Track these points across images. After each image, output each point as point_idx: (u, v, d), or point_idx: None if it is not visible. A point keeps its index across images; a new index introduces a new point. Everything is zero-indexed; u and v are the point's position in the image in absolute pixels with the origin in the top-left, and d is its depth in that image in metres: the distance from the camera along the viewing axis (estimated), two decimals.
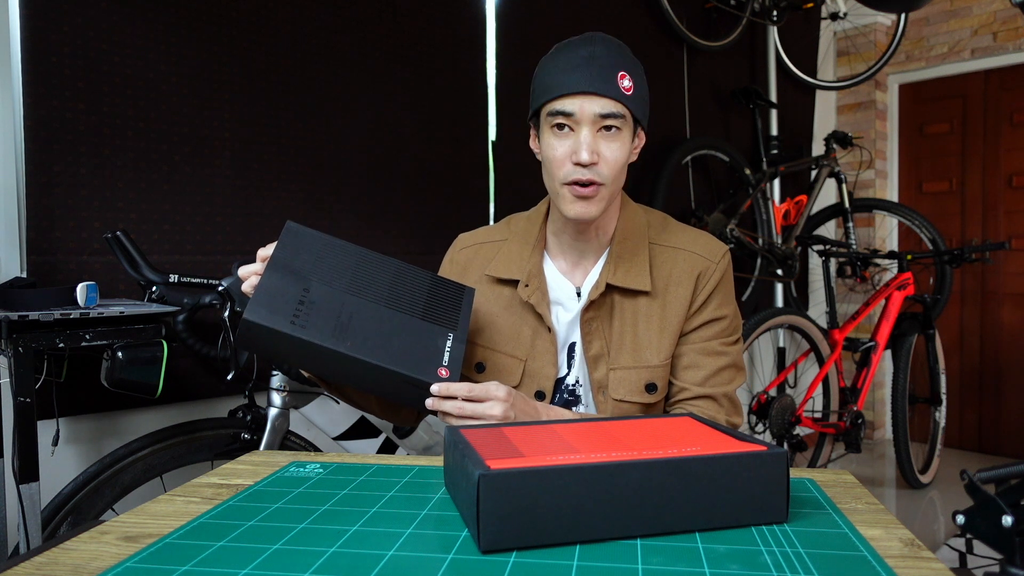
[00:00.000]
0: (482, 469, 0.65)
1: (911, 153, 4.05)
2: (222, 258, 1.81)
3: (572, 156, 1.01)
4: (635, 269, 1.09)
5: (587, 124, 1.00)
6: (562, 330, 1.13)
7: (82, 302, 1.31)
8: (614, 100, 1.00)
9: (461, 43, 2.30)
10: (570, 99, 1.00)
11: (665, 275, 1.10)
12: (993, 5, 3.64)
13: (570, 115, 1.00)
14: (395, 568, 0.62)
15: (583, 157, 0.99)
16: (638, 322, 1.09)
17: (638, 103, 1.03)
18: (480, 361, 1.15)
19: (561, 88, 1.00)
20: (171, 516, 0.75)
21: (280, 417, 1.63)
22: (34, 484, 1.26)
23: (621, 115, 1.01)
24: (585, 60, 1.00)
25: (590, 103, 0.99)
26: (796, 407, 2.86)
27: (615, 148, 1.02)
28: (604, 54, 1.01)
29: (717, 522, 0.69)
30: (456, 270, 1.20)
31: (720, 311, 1.11)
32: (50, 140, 1.56)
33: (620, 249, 1.10)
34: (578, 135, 1.00)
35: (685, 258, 1.11)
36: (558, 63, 1.02)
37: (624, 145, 1.03)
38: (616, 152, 1.02)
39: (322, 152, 2.00)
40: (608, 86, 0.99)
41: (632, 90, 1.01)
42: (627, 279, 1.08)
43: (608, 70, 1.00)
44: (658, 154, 2.89)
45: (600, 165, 1.01)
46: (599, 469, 0.66)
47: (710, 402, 1.10)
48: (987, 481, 0.55)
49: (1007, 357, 3.73)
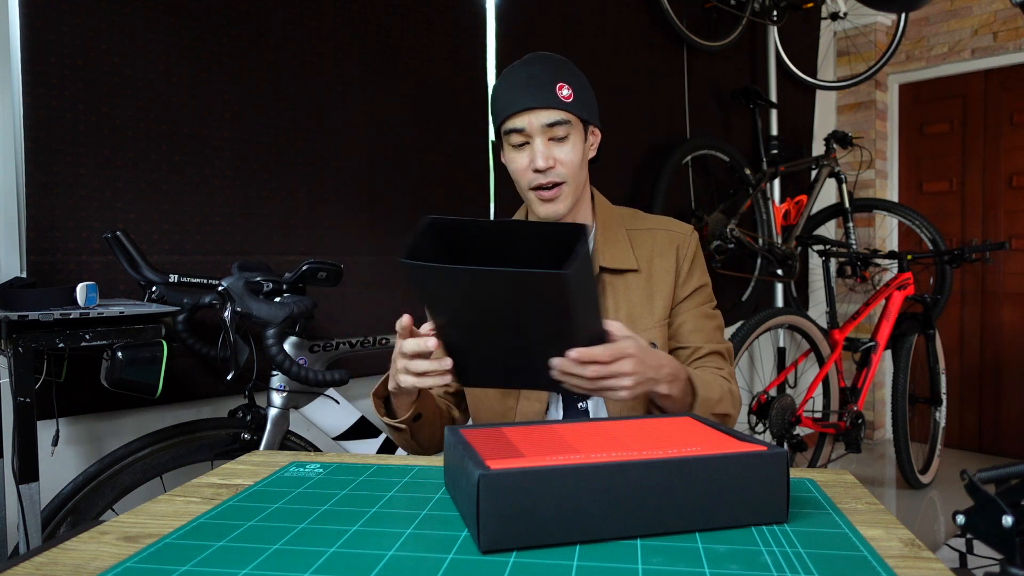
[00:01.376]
0: (482, 469, 0.65)
1: (911, 153, 4.05)
2: (222, 258, 1.81)
3: (531, 165, 1.13)
4: (620, 252, 1.20)
5: (538, 135, 1.12)
6: None
7: (82, 302, 1.31)
8: (556, 110, 1.11)
9: (461, 43, 2.30)
10: (519, 117, 1.12)
11: (647, 252, 1.21)
12: (993, 5, 3.64)
13: (522, 130, 1.12)
14: (395, 568, 0.62)
15: (539, 164, 1.11)
16: (630, 296, 1.19)
17: (580, 107, 1.14)
18: None
19: (510, 108, 1.12)
20: (171, 516, 0.75)
21: (280, 417, 1.63)
22: (34, 484, 1.26)
23: (566, 121, 1.12)
24: (526, 80, 1.12)
25: (536, 116, 1.11)
26: (796, 407, 2.86)
27: (567, 150, 1.13)
28: (541, 71, 1.12)
29: (717, 522, 0.69)
30: None
31: (702, 279, 1.24)
32: (50, 140, 1.56)
33: (604, 236, 1.21)
34: (533, 146, 1.13)
35: (662, 235, 1.23)
36: (504, 87, 1.14)
37: (576, 146, 1.14)
38: (569, 153, 1.13)
39: (322, 152, 2.00)
40: (549, 99, 1.11)
41: (572, 97, 1.12)
42: (616, 260, 1.19)
43: (547, 85, 1.11)
44: (658, 154, 2.89)
45: (557, 167, 1.13)
46: (599, 469, 0.66)
47: (718, 357, 1.21)
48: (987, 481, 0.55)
49: (1007, 357, 3.73)
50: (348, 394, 1.86)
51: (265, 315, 1.47)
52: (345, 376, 1.53)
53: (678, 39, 2.95)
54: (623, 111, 2.81)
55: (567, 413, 1.16)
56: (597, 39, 2.71)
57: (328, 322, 2.00)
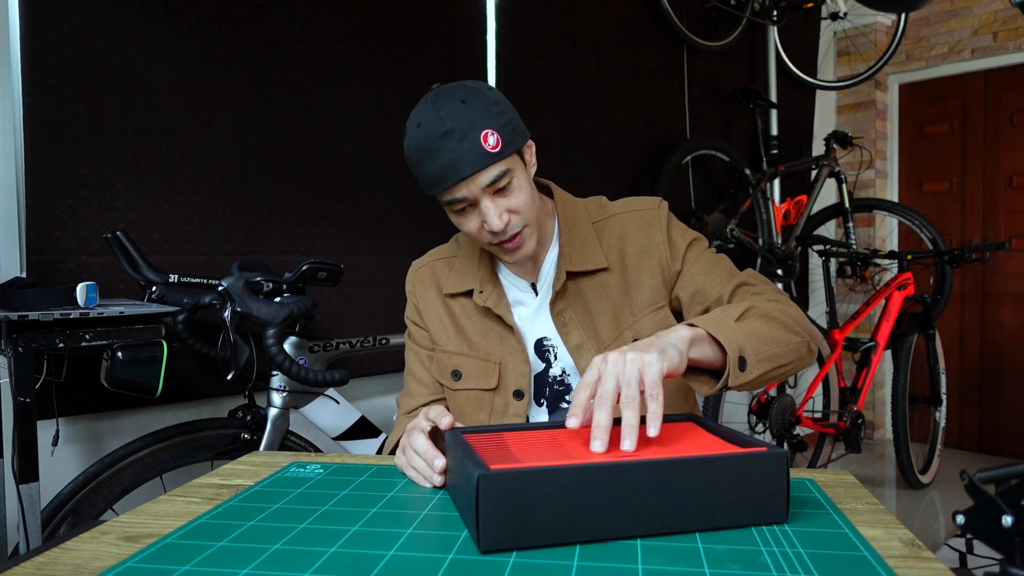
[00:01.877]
0: (481, 469, 0.65)
1: (911, 153, 4.05)
2: (222, 258, 1.81)
3: (485, 227, 1.02)
4: (588, 251, 1.13)
5: (483, 196, 1.01)
6: (526, 327, 1.16)
7: (82, 302, 1.31)
8: (492, 165, 0.99)
9: (461, 43, 2.30)
10: (455, 189, 1.00)
11: (616, 241, 1.15)
12: (993, 5, 3.64)
13: (464, 199, 1.01)
14: (395, 568, 0.62)
15: (495, 226, 1.01)
16: (609, 295, 1.13)
17: (510, 141, 1.01)
18: (456, 369, 1.17)
19: (441, 183, 0.99)
20: (171, 516, 0.75)
21: (280, 417, 1.63)
22: (34, 484, 1.26)
23: (505, 171, 1.00)
24: (445, 143, 0.97)
25: (474, 182, 0.99)
26: (796, 407, 2.86)
27: (517, 194, 1.03)
28: (456, 124, 0.97)
29: (717, 523, 0.69)
30: (416, 297, 1.23)
31: (687, 236, 1.15)
32: (50, 140, 1.56)
33: (568, 239, 1.14)
34: (481, 208, 1.02)
35: (627, 218, 1.16)
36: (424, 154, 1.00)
37: (522, 185, 1.03)
38: (519, 197, 1.03)
39: (322, 152, 2.00)
40: (480, 157, 0.97)
41: (500, 141, 0.99)
42: (583, 262, 1.12)
43: (470, 140, 0.97)
44: (658, 154, 2.89)
45: (512, 219, 1.03)
46: (598, 470, 0.66)
47: (744, 289, 1.10)
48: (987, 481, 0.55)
49: (1007, 357, 3.73)
50: (348, 394, 1.86)
51: (265, 315, 1.47)
52: (345, 376, 1.53)
53: (678, 39, 2.95)
54: (623, 111, 2.81)
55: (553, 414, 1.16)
56: (597, 39, 2.71)
57: (328, 322, 2.00)
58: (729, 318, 0.93)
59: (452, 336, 1.18)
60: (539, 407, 1.16)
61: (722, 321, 0.92)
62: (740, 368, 0.90)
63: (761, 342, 0.93)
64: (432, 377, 1.21)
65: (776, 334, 0.96)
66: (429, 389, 1.21)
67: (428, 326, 1.21)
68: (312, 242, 1.98)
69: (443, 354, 1.19)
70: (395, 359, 2.15)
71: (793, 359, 0.98)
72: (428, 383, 1.21)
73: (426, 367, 1.22)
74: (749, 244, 2.86)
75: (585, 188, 1.25)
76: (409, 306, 1.25)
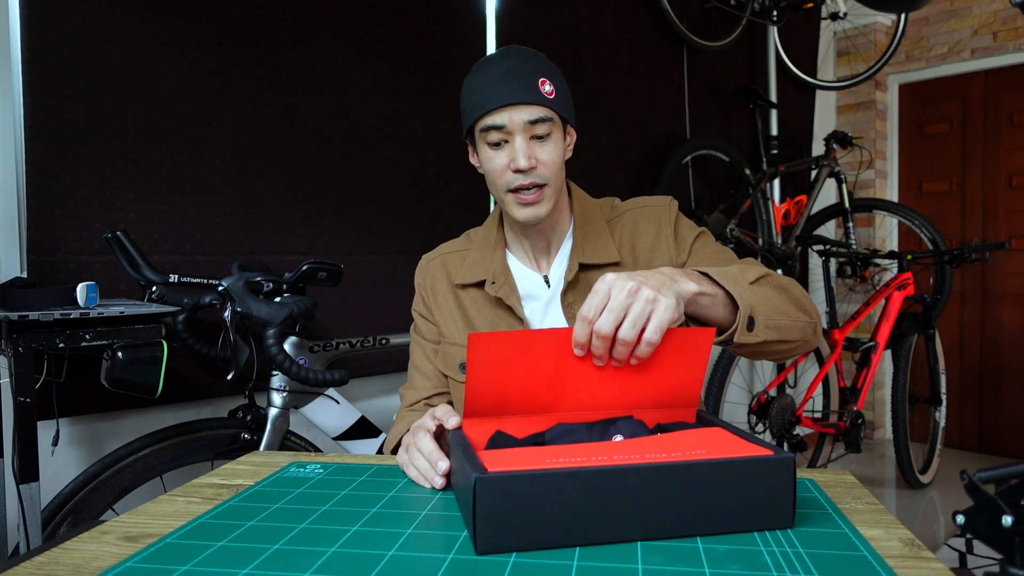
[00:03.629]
0: (479, 471, 0.64)
1: (911, 153, 4.05)
2: (222, 258, 1.81)
3: (511, 164, 1.06)
4: (600, 245, 1.16)
5: (519, 133, 1.05)
6: (536, 320, 1.17)
7: (82, 302, 1.31)
8: (540, 106, 1.05)
9: (461, 43, 2.30)
10: (499, 113, 1.05)
11: (628, 237, 1.18)
12: (993, 5, 3.64)
13: (502, 127, 1.05)
14: (395, 568, 0.62)
15: (521, 163, 1.05)
16: None
17: (562, 104, 1.08)
18: (464, 361, 1.17)
19: (489, 103, 1.05)
20: (171, 516, 0.75)
21: (280, 417, 1.63)
22: (34, 484, 1.26)
23: (549, 119, 1.06)
24: (506, 73, 1.05)
25: (518, 113, 1.04)
26: (796, 407, 2.86)
27: (549, 150, 1.07)
28: (521, 65, 1.06)
29: (720, 528, 0.68)
30: (426, 289, 1.24)
31: (692, 231, 1.18)
32: (50, 140, 1.56)
33: (583, 232, 1.17)
34: (513, 145, 1.06)
35: (639, 214, 1.19)
36: (481, 81, 1.08)
37: (557, 146, 1.08)
38: (551, 153, 1.07)
39: (322, 152, 2.00)
40: (532, 94, 1.04)
41: (554, 94, 1.06)
42: (596, 255, 1.15)
43: (529, 79, 1.05)
44: (658, 154, 2.89)
45: (539, 168, 1.06)
46: (598, 473, 0.66)
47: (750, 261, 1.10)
48: (987, 481, 0.55)
49: (1007, 357, 3.73)
50: (348, 394, 1.86)
51: (265, 315, 1.47)
52: (345, 376, 1.53)
53: (678, 39, 2.95)
54: (623, 111, 2.81)
55: None
56: (597, 39, 2.71)
57: (328, 322, 2.00)
58: (745, 279, 0.93)
59: (461, 328, 1.18)
60: None
61: (737, 279, 0.92)
62: (748, 328, 0.90)
63: (772, 310, 0.93)
64: (436, 370, 1.22)
65: (787, 308, 0.97)
66: (433, 382, 1.21)
67: (436, 319, 1.21)
68: (312, 242, 1.98)
69: (451, 346, 1.19)
70: (395, 359, 2.15)
71: (799, 338, 0.99)
72: (432, 376, 1.22)
73: (431, 360, 1.22)
74: (749, 244, 2.86)
75: (585, 188, 1.25)
76: (417, 298, 1.25)
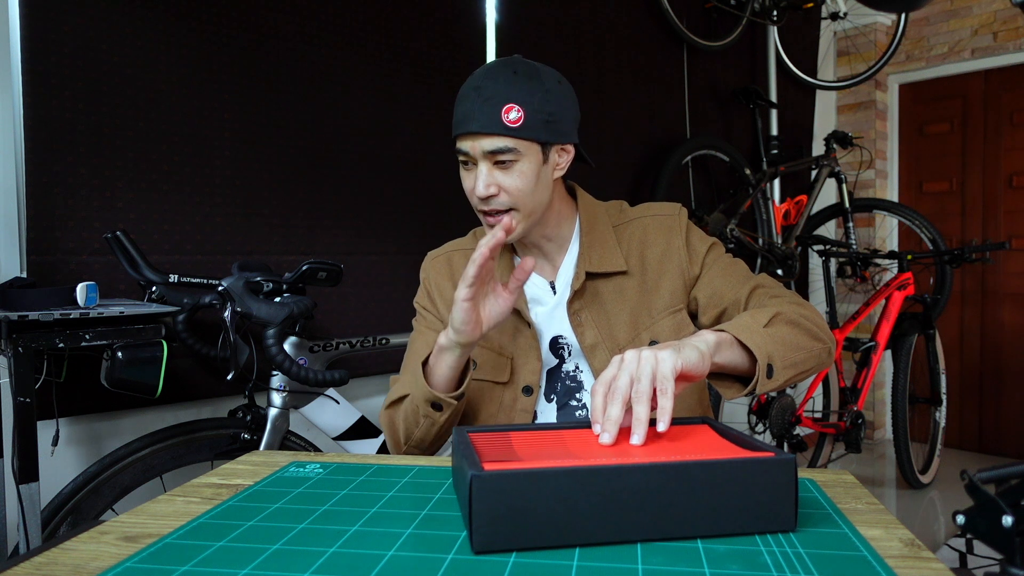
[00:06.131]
0: (475, 470, 0.64)
1: (911, 153, 4.05)
2: (222, 258, 1.81)
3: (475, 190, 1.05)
4: (607, 253, 1.15)
5: (482, 160, 1.03)
6: (542, 324, 1.16)
7: (82, 302, 1.31)
8: (500, 136, 1.01)
9: (460, 44, 2.30)
10: (463, 139, 1.04)
11: (636, 245, 1.17)
12: (993, 5, 3.64)
13: (467, 153, 1.04)
14: (395, 568, 0.62)
15: (480, 192, 1.04)
16: (626, 298, 1.15)
17: (533, 129, 1.02)
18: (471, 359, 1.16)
19: (457, 127, 1.04)
20: (171, 516, 0.75)
21: (280, 417, 1.63)
22: (34, 484, 1.26)
23: (510, 148, 1.02)
24: (476, 96, 1.02)
25: (479, 142, 1.02)
26: (796, 407, 2.86)
27: (513, 177, 1.04)
28: (492, 88, 1.01)
29: (720, 530, 0.67)
30: (432, 285, 1.23)
31: (706, 242, 1.18)
32: (50, 140, 1.56)
33: (589, 239, 1.16)
34: (477, 170, 1.04)
35: (648, 223, 1.18)
36: (461, 96, 1.05)
37: (524, 173, 1.04)
38: (515, 181, 1.04)
39: (322, 152, 2.00)
40: (493, 124, 1.00)
41: (521, 120, 1.01)
42: (603, 263, 1.14)
43: (494, 106, 1.00)
44: (658, 154, 2.89)
45: (500, 195, 1.04)
46: (595, 473, 0.65)
47: (761, 291, 1.11)
48: (987, 481, 0.55)
49: (1007, 357, 3.73)
50: (348, 394, 1.86)
51: (265, 315, 1.47)
52: (345, 376, 1.53)
53: (678, 39, 2.95)
54: (623, 111, 2.81)
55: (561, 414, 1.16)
56: (597, 39, 2.71)
57: (328, 322, 2.00)
58: (758, 324, 0.94)
59: None
60: (548, 403, 1.16)
61: (751, 327, 0.93)
62: (767, 375, 0.91)
63: (787, 348, 0.95)
64: None
65: (802, 341, 0.98)
66: None
67: (441, 315, 1.21)
68: (312, 242, 1.98)
69: None
70: (395, 359, 2.15)
71: (815, 364, 1.02)
72: None
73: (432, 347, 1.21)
74: (749, 244, 2.86)
75: (585, 188, 1.25)
76: (421, 292, 1.25)
